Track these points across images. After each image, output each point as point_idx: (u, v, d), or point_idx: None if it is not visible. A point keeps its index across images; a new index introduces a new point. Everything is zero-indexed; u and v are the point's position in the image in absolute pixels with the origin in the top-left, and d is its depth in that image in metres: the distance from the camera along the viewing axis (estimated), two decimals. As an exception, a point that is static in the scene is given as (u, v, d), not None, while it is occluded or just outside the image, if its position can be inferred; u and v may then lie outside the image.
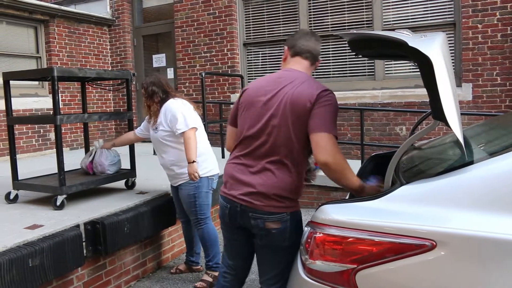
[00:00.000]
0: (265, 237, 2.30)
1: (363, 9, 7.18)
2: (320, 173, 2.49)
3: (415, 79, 6.71)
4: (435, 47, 1.71)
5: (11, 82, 4.12)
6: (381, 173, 2.14)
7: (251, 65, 8.20)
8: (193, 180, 3.64)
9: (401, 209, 1.71)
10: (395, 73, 7.12)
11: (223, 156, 6.52)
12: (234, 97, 7.95)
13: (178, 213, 4.14)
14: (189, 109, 3.76)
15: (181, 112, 3.65)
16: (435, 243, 1.57)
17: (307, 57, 2.42)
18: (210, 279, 3.79)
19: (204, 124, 5.78)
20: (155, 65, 9.01)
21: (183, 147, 3.65)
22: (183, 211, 3.95)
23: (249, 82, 8.05)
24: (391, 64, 7.09)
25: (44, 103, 7.77)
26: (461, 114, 2.82)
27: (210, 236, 3.82)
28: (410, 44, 1.70)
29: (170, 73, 8.82)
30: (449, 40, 6.44)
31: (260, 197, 2.25)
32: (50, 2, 9.00)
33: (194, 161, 3.58)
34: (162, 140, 3.75)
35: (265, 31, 7.99)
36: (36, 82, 7.77)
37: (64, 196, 3.81)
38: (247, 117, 2.38)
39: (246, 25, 8.15)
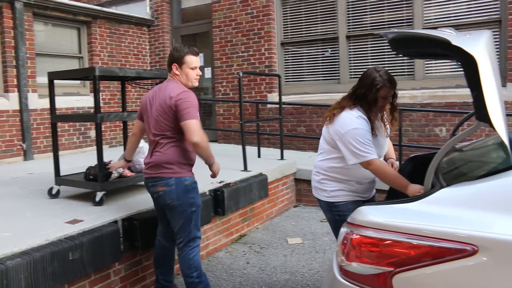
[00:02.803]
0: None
1: (403, 7, 7.03)
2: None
3: (457, 79, 6.52)
4: (480, 46, 1.66)
5: (55, 81, 4.26)
6: (420, 174, 2.09)
7: (288, 65, 8.17)
8: None
9: (441, 212, 1.67)
10: (435, 72, 6.94)
11: (259, 156, 6.53)
12: (271, 97, 7.95)
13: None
14: None
15: None
16: (476, 248, 1.52)
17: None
18: None
19: (241, 124, 5.85)
20: (192, 64, 9.07)
21: None
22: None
23: (286, 81, 8.03)
24: (432, 63, 6.92)
25: (86, 101, 8.00)
26: (507, 115, 2.72)
27: None
28: (454, 42, 1.66)
29: (207, 73, 8.90)
30: (494, 38, 6.23)
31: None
32: (92, 4, 9.25)
33: None
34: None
35: (302, 31, 7.95)
36: (78, 82, 8.00)
37: (103, 192, 3.91)
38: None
39: (284, 25, 8.13)
